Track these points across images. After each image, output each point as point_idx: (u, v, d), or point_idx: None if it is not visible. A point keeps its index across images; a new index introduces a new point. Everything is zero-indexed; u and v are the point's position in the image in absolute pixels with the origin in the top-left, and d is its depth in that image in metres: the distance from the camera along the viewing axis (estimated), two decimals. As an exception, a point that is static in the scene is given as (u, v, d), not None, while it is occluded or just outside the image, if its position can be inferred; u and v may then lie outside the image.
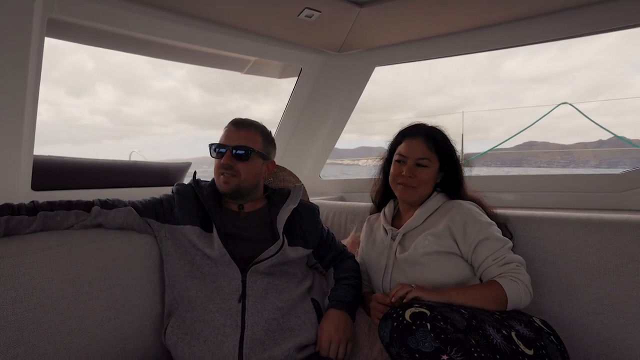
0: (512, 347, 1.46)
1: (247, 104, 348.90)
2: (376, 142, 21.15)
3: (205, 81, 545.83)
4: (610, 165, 12.65)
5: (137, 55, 2.78)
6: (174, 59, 2.98)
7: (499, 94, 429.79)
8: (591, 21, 2.49)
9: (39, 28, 1.97)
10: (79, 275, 1.69)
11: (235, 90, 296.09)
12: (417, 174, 1.95)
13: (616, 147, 12.58)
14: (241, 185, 1.94)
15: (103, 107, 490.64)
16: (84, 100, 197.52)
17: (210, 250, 1.80)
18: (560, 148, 15.45)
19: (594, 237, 1.93)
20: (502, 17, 2.64)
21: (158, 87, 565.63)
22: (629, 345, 1.80)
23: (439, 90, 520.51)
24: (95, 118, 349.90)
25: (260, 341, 1.65)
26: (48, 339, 1.56)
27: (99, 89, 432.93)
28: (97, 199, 1.86)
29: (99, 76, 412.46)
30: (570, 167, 15.27)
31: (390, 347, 1.46)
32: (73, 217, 1.76)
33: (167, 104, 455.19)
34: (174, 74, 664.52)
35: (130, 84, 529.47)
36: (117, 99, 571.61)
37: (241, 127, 1.98)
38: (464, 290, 1.72)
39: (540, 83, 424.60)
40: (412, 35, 2.97)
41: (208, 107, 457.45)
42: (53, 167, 2.42)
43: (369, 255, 2.11)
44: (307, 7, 2.45)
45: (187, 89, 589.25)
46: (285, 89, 3.54)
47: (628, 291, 1.83)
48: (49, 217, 1.69)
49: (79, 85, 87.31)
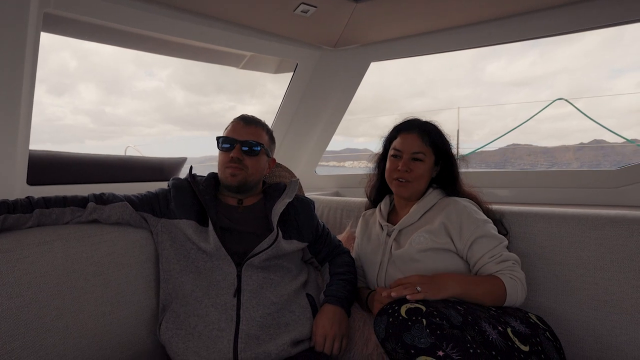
0: (507, 343, 1.47)
1: (233, 104, 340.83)
2: (361, 144, 20.96)
3: (190, 82, 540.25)
4: (591, 167, 12.77)
5: (132, 50, 2.77)
6: (169, 54, 2.97)
7: (481, 97, 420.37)
8: (594, 16, 2.48)
9: (35, 23, 1.96)
10: (74, 270, 1.69)
11: (220, 91, 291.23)
12: (413, 168, 1.96)
13: (597, 150, 12.65)
14: (247, 180, 1.96)
15: (86, 107, 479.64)
16: (66, 100, 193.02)
17: (205, 244, 1.80)
18: (542, 151, 15.53)
19: (590, 233, 1.94)
20: (498, 13, 2.63)
21: (142, 87, 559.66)
22: (623, 340, 1.81)
23: (423, 93, 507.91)
24: (77, 118, 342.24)
25: (255, 336, 1.65)
26: (44, 334, 1.56)
27: (81, 88, 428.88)
28: (92, 194, 1.85)
29: (82, 75, 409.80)
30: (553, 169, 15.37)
31: (385, 343, 1.46)
32: (68, 214, 1.76)
33: (152, 104, 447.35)
34: (158, 74, 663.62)
35: (114, 83, 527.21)
36: (100, 98, 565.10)
37: (250, 122, 2.01)
38: (467, 278, 1.73)
39: (522, 87, 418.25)
40: (408, 31, 2.96)
41: (192, 107, 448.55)
42: (49, 161, 2.42)
43: (365, 250, 2.12)
44: (303, 3, 2.45)
45: (172, 90, 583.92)
46: (269, 90, 3.55)
47: (623, 287, 1.83)
48: (45, 214, 1.70)
49: (60, 84, 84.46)
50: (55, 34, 2.35)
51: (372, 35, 3.04)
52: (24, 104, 2.03)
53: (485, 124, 66.12)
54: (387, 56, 3.22)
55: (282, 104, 3.54)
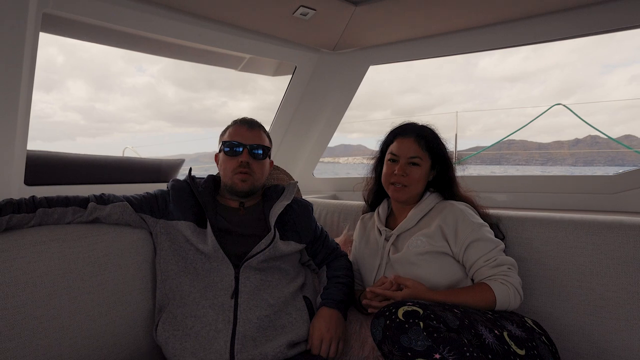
0: (504, 347, 1.47)
1: (225, 100, 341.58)
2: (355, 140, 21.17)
3: (181, 77, 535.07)
4: (586, 164, 12.79)
5: (130, 50, 2.77)
6: (168, 56, 2.97)
7: (474, 93, 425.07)
8: (590, 21, 2.49)
9: (34, 23, 1.96)
10: (71, 270, 1.69)
11: (211, 87, 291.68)
12: (409, 172, 1.96)
13: (591, 147, 12.70)
14: (255, 184, 1.99)
15: (75, 104, 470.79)
16: (55, 96, 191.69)
17: (203, 246, 1.80)
18: (537, 147, 15.67)
19: (587, 238, 1.94)
20: (497, 18, 2.64)
21: (132, 83, 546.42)
22: (619, 346, 1.81)
23: (415, 89, 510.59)
24: (67, 115, 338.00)
25: (252, 337, 1.66)
26: (40, 335, 1.56)
27: (69, 84, 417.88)
28: (93, 194, 1.86)
29: (70, 72, 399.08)
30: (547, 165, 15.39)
31: (382, 345, 1.46)
32: (70, 214, 1.77)
33: (142, 100, 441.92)
34: (148, 69, 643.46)
35: (103, 79, 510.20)
36: (90, 95, 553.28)
37: (253, 126, 2.03)
38: (451, 292, 1.73)
39: (514, 82, 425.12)
40: (406, 35, 2.97)
41: (184, 103, 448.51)
42: (46, 162, 2.42)
43: (362, 254, 2.12)
44: (302, 5, 2.45)
45: (162, 85, 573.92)
46: (261, 86, 3.58)
47: (619, 293, 1.84)
48: (47, 214, 1.70)
49: (49, 80, 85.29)
50: (54, 35, 2.35)
51: (371, 38, 3.05)
52: (22, 104, 2.03)
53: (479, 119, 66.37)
54: (385, 60, 3.23)
55: (281, 107, 3.54)
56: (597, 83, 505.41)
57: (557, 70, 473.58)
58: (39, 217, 1.68)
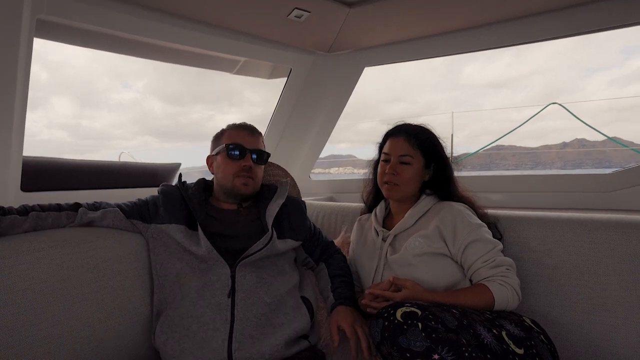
0: (502, 347, 1.47)
1: (212, 114, 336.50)
2: (344, 150, 21.01)
3: (166, 92, 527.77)
4: (574, 166, 12.83)
5: (125, 55, 2.77)
6: (162, 60, 2.97)
7: (459, 100, 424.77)
8: (586, 21, 2.50)
9: (28, 29, 1.96)
10: (70, 277, 1.69)
11: (197, 101, 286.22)
12: (400, 171, 1.96)
13: (579, 149, 12.74)
14: (255, 188, 2.03)
15: (61, 121, 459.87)
16: (40, 114, 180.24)
17: (197, 247, 1.81)
18: (526, 150, 15.70)
19: (584, 237, 1.94)
20: (492, 18, 2.65)
21: (118, 99, 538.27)
22: (617, 344, 1.81)
23: (401, 98, 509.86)
24: (53, 132, 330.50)
25: (249, 335, 1.67)
26: (39, 341, 1.55)
27: (54, 101, 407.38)
28: (86, 202, 1.88)
29: (54, 89, 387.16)
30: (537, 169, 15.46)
31: (381, 346, 1.46)
32: (64, 218, 1.78)
33: (129, 116, 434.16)
34: (134, 85, 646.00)
35: (88, 96, 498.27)
36: (75, 112, 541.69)
37: (254, 132, 2.06)
38: (450, 293, 1.73)
39: (499, 89, 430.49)
40: (401, 36, 2.97)
41: (171, 118, 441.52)
42: (43, 168, 2.41)
43: (360, 255, 2.12)
44: (296, 8, 2.46)
45: (148, 101, 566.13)
46: (247, 98, 3.57)
47: (617, 291, 1.84)
48: (41, 217, 1.71)
49: (33, 98, 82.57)
50: (48, 40, 2.35)
51: (366, 40, 3.05)
52: (17, 110, 2.03)
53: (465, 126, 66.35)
54: (380, 61, 3.23)
55: (276, 109, 3.55)
56: (578, 87, 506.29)
57: (539, 76, 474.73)
58: (33, 220, 1.68)
